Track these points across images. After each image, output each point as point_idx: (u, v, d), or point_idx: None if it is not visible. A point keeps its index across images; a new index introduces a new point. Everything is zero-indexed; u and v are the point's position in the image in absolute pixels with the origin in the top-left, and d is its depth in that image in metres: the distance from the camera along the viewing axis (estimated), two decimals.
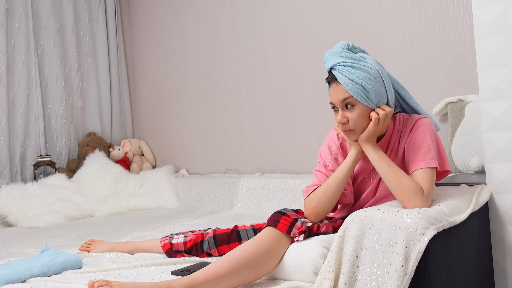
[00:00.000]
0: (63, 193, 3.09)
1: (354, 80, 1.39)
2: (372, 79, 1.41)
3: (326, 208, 1.45)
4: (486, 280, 1.54)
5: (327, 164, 1.56)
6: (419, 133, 1.45)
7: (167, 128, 3.78)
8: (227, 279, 1.25)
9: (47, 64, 3.48)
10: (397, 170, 1.37)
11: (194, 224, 2.46)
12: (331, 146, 1.59)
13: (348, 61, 1.41)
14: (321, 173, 1.56)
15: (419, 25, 2.39)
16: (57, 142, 3.52)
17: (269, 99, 3.08)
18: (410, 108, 1.59)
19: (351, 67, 1.40)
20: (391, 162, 1.39)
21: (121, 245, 1.90)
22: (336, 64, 1.43)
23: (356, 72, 1.40)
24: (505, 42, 1.52)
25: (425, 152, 1.40)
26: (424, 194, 1.31)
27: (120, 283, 1.13)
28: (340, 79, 1.41)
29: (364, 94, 1.40)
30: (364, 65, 1.41)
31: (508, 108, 1.52)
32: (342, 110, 1.44)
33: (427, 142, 1.42)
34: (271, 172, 3.08)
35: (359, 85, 1.39)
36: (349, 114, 1.43)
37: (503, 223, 1.54)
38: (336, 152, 1.57)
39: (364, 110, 1.42)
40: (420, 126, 1.47)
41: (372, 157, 1.42)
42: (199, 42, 3.48)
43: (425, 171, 1.37)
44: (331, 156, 1.57)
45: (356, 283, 1.22)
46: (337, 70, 1.42)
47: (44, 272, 1.55)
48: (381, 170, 1.39)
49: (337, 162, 1.55)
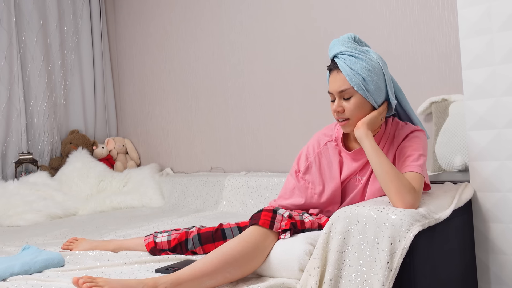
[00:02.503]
0: (45, 191, 3.04)
1: (355, 69, 1.39)
2: (373, 72, 1.41)
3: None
4: (469, 276, 1.55)
5: (300, 170, 1.60)
6: (414, 142, 1.45)
7: (152, 126, 3.75)
8: (213, 276, 1.24)
9: (29, 60, 3.42)
10: (392, 165, 1.35)
11: (179, 223, 2.44)
12: (310, 154, 1.60)
13: (352, 51, 1.41)
14: (292, 177, 1.62)
15: (405, 25, 2.41)
16: (40, 140, 3.46)
17: (255, 98, 3.07)
18: (404, 113, 1.58)
19: (354, 57, 1.40)
20: (386, 157, 1.37)
21: (104, 243, 1.87)
22: (340, 52, 1.42)
23: (358, 63, 1.39)
24: (489, 42, 1.53)
25: (416, 159, 1.40)
26: (416, 193, 1.30)
27: (105, 279, 1.11)
28: (341, 67, 1.41)
29: (363, 85, 1.40)
30: (368, 57, 1.42)
31: (492, 107, 1.53)
32: (339, 99, 1.43)
33: (420, 152, 1.42)
34: (256, 171, 3.08)
35: (359, 75, 1.39)
36: (346, 104, 1.43)
37: (486, 221, 1.56)
38: (315, 157, 1.58)
39: (361, 102, 1.42)
40: (417, 137, 1.47)
41: (369, 148, 1.38)
42: (184, 39, 3.46)
43: (416, 175, 1.36)
44: (306, 163, 1.59)
45: (342, 279, 1.22)
46: (339, 58, 1.42)
47: (25, 270, 1.52)
48: (377, 162, 1.35)
49: (309, 170, 1.57)
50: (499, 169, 1.52)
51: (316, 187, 1.56)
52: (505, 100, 1.51)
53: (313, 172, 1.57)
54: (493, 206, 1.54)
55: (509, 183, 1.50)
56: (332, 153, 1.55)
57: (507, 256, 1.53)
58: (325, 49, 2.71)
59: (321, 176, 1.56)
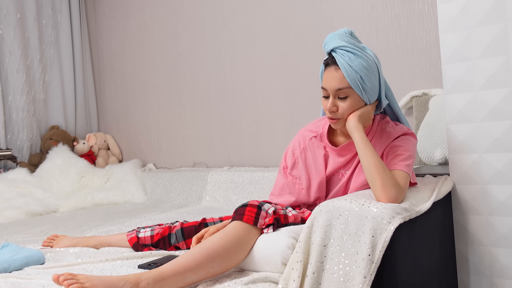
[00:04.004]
0: (25, 188, 2.99)
1: (353, 67, 1.35)
2: (370, 71, 1.38)
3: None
4: (449, 267, 1.58)
5: (287, 166, 1.60)
6: (406, 143, 1.45)
7: (133, 122, 3.71)
8: (196, 271, 1.23)
9: (7, 55, 3.35)
10: (380, 159, 1.34)
11: (162, 218, 2.43)
12: (296, 149, 1.59)
13: (351, 47, 1.37)
14: (280, 174, 1.62)
15: (386, 20, 2.43)
16: (18, 136, 3.40)
17: (238, 93, 3.07)
18: (392, 112, 1.58)
19: (353, 53, 1.36)
20: (374, 150, 1.37)
21: (86, 240, 1.85)
22: (339, 47, 1.38)
23: (357, 60, 1.36)
24: (467, 36, 1.56)
25: (405, 159, 1.41)
26: (400, 188, 1.30)
27: (86, 276, 1.10)
28: (340, 64, 1.36)
29: (360, 84, 1.37)
30: (365, 54, 1.38)
31: (471, 101, 1.56)
32: (334, 98, 1.40)
33: (410, 153, 1.43)
34: (239, 166, 3.07)
35: (357, 73, 1.36)
36: (341, 104, 1.40)
37: (465, 213, 1.59)
38: (301, 152, 1.58)
39: (356, 102, 1.40)
40: (409, 140, 1.47)
41: (359, 140, 1.37)
42: (166, 34, 3.43)
43: (402, 173, 1.36)
44: (293, 159, 1.59)
45: (324, 272, 1.23)
46: (338, 54, 1.37)
47: (4, 268, 1.49)
48: (365, 154, 1.34)
49: (296, 166, 1.58)
50: (478, 162, 1.55)
51: (303, 182, 1.56)
52: (483, 94, 1.53)
53: (300, 167, 1.57)
54: (472, 198, 1.57)
55: (487, 175, 1.53)
56: (317, 148, 1.56)
57: (485, 247, 1.56)
58: (307, 44, 2.73)
59: (307, 170, 1.57)
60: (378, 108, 1.50)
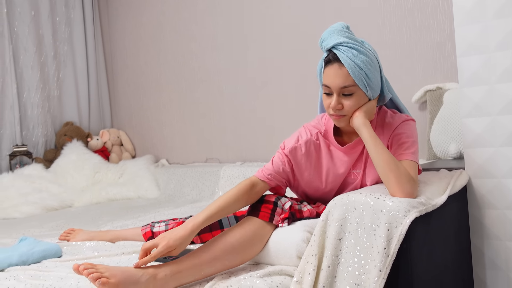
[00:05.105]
0: (40, 183, 3.04)
1: (358, 64, 1.31)
2: (373, 66, 1.35)
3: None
4: (464, 261, 1.57)
5: (285, 147, 1.49)
6: (407, 129, 1.42)
7: (146, 118, 3.74)
8: (213, 264, 1.24)
9: (22, 52, 3.39)
10: (390, 154, 1.32)
11: (175, 213, 2.45)
12: (301, 137, 1.51)
13: (353, 43, 1.32)
14: (278, 154, 1.50)
15: (399, 14, 2.41)
16: (34, 132, 3.44)
17: (249, 88, 3.07)
18: (390, 101, 1.55)
19: (356, 50, 1.32)
20: (384, 146, 1.34)
21: (102, 234, 1.88)
22: (340, 44, 1.32)
23: (360, 56, 1.31)
24: (483, 29, 1.54)
25: (409, 146, 1.39)
26: (414, 182, 1.28)
27: (105, 266, 1.12)
28: (345, 61, 1.31)
29: (365, 81, 1.33)
30: (367, 49, 1.35)
31: (487, 94, 1.54)
32: (338, 96, 1.35)
33: (413, 138, 1.41)
34: (251, 161, 3.08)
35: (362, 70, 1.32)
36: (346, 102, 1.35)
37: (481, 207, 1.58)
38: (306, 142, 1.49)
39: (361, 98, 1.36)
40: (409, 125, 1.44)
41: (368, 137, 1.34)
42: (178, 30, 3.44)
43: (410, 163, 1.35)
44: (296, 142, 1.49)
45: (339, 265, 1.23)
46: (340, 51, 1.32)
47: (23, 261, 1.52)
48: (376, 151, 1.32)
49: (295, 152, 1.48)
50: (494, 155, 1.54)
51: (301, 172, 1.51)
52: (500, 87, 1.52)
53: (299, 155, 1.49)
54: (488, 192, 1.56)
55: (503, 169, 1.52)
56: (323, 146, 1.51)
57: (501, 242, 1.55)
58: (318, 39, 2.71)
59: (308, 162, 1.50)
60: (381, 101, 1.49)
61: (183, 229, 1.23)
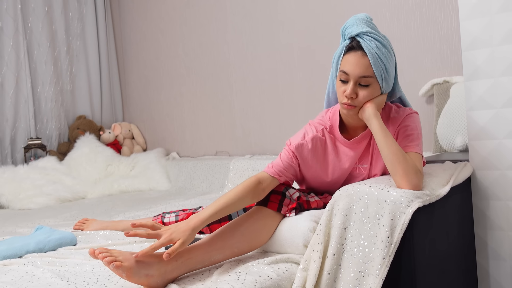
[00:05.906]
0: (54, 175, 3.11)
1: (380, 56, 1.32)
2: (392, 62, 1.37)
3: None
4: (468, 251, 1.60)
5: (290, 143, 1.50)
6: (412, 122, 1.44)
7: (157, 112, 3.79)
8: (222, 251, 1.29)
9: (35, 47, 3.46)
10: (399, 146, 1.33)
11: (186, 205, 2.50)
12: (307, 134, 1.50)
13: (377, 35, 1.34)
14: (285, 150, 1.50)
15: (407, 8, 2.43)
16: (47, 125, 3.52)
17: (259, 82, 3.11)
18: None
19: (380, 42, 1.33)
20: (392, 137, 1.35)
21: (114, 224, 1.93)
22: (365, 33, 1.33)
23: (383, 50, 1.33)
24: (488, 23, 1.56)
25: (414, 138, 1.41)
26: (421, 174, 1.31)
27: (120, 251, 1.16)
28: (368, 51, 1.32)
29: (383, 75, 1.35)
30: (389, 44, 1.36)
31: (491, 87, 1.57)
32: (355, 84, 1.35)
33: (417, 131, 1.43)
34: (261, 154, 3.12)
35: (382, 63, 1.33)
36: (361, 92, 1.36)
37: (485, 198, 1.60)
38: (312, 138, 1.49)
39: (375, 91, 1.37)
40: (413, 117, 1.46)
41: (377, 128, 1.35)
42: (188, 24, 3.48)
43: (416, 155, 1.37)
44: (303, 139, 1.49)
45: (344, 254, 1.27)
46: (364, 40, 1.33)
47: (40, 249, 1.58)
48: (385, 142, 1.33)
49: (301, 148, 1.48)
50: (498, 147, 1.56)
51: (306, 166, 1.52)
52: (504, 80, 1.54)
53: (305, 151, 1.50)
54: (492, 184, 1.58)
55: (507, 161, 1.55)
56: (328, 141, 1.52)
57: (504, 232, 1.57)
58: (328, 33, 2.74)
59: (314, 158, 1.51)
60: (390, 98, 1.50)
61: (186, 224, 1.24)
